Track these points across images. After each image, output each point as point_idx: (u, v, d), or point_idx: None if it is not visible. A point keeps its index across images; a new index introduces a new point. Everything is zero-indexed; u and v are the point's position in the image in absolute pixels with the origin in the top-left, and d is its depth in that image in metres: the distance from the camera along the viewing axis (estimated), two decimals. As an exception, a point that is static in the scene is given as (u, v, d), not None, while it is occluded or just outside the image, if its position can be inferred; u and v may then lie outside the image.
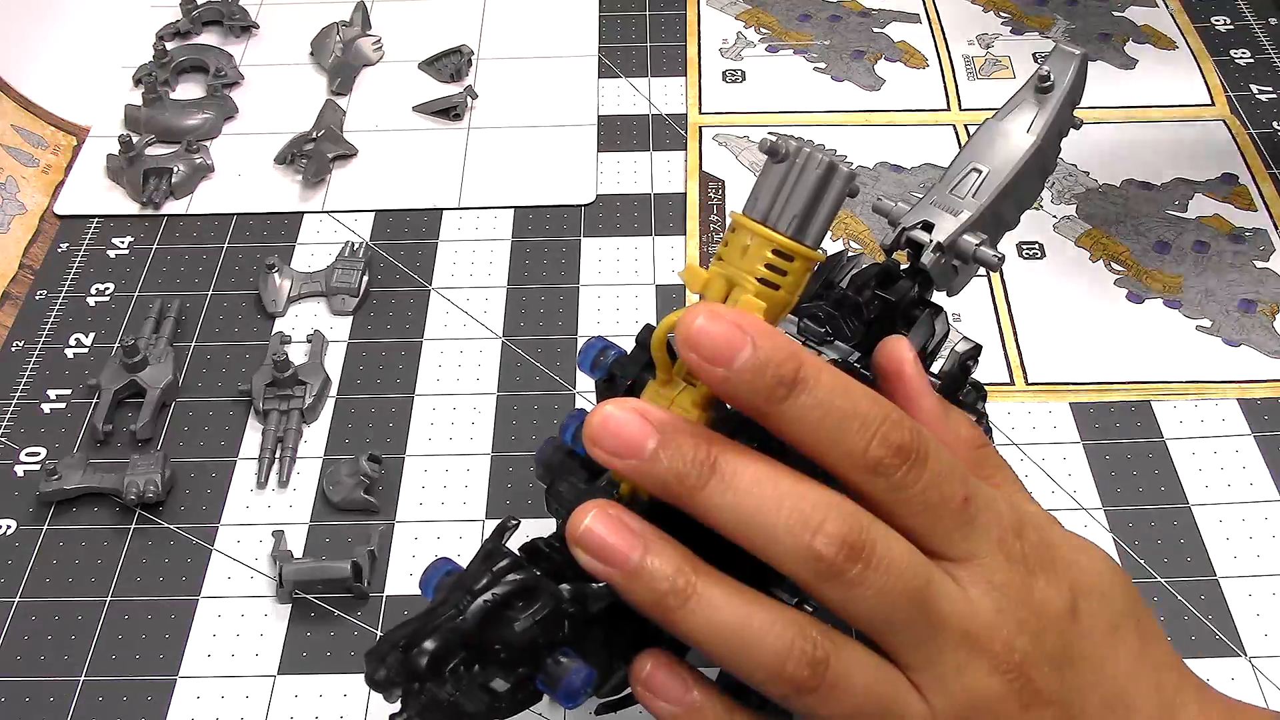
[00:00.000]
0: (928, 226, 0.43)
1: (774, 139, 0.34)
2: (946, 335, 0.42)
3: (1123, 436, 0.54)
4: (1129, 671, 0.35)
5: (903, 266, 0.43)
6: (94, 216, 0.65)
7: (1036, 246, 0.62)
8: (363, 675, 0.29)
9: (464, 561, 0.32)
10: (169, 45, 0.74)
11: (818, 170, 0.33)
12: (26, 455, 0.55)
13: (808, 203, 0.33)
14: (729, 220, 0.36)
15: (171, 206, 0.66)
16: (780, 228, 0.33)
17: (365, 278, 0.61)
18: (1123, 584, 0.36)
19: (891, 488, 0.32)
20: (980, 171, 0.45)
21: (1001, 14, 0.76)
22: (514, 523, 0.32)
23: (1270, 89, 0.70)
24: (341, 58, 0.73)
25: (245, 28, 0.76)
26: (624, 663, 0.34)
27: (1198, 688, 0.37)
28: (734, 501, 0.31)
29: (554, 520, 0.36)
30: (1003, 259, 0.43)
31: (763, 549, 0.31)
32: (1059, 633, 0.33)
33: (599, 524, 0.31)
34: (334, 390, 0.57)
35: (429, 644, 0.29)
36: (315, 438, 0.55)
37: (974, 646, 0.32)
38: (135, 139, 0.67)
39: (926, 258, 0.43)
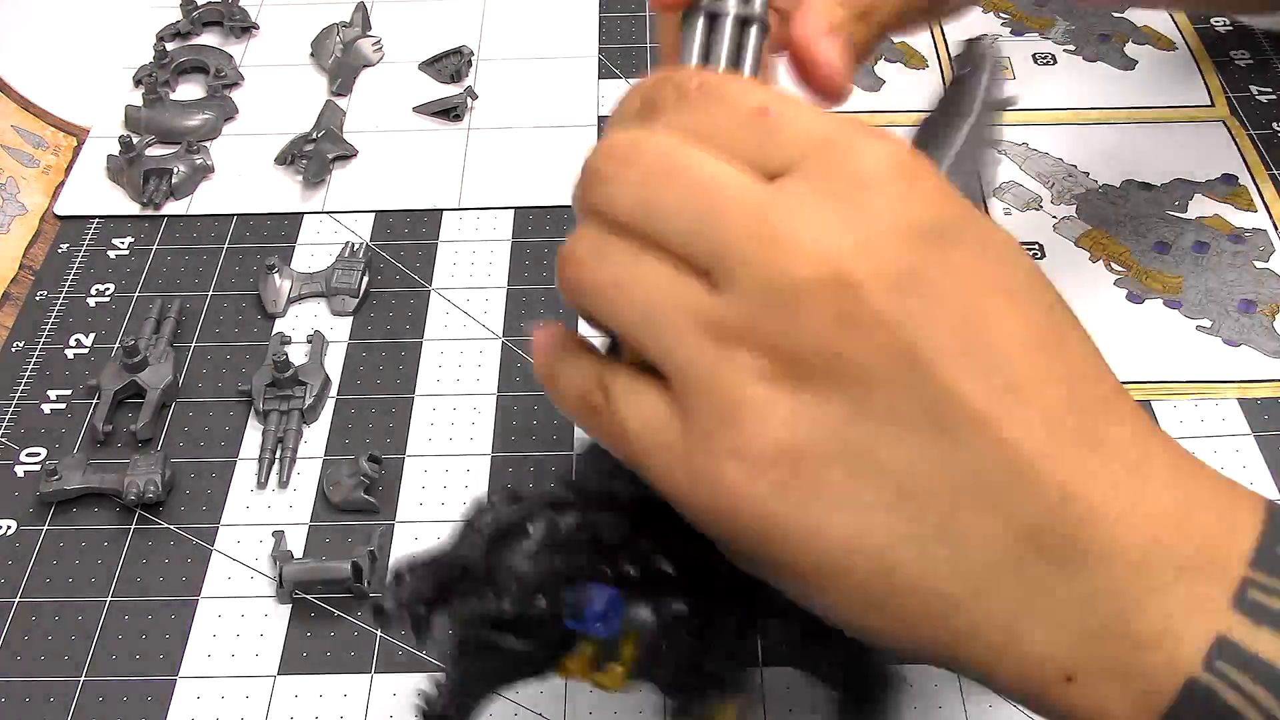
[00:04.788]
0: None
1: None
2: None
3: (1123, 436, 0.54)
4: (1022, 342, 0.28)
5: None
6: (94, 217, 0.65)
7: (1036, 247, 0.62)
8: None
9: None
10: (169, 46, 0.74)
11: None
12: (26, 455, 0.55)
13: None
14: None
15: (172, 207, 0.66)
16: None
17: (365, 278, 0.61)
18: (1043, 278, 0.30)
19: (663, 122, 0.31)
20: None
21: (1001, 15, 0.76)
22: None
23: (1270, 90, 0.70)
24: (341, 58, 0.73)
25: (245, 28, 0.76)
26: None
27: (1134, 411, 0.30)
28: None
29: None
30: None
31: None
32: (914, 252, 0.27)
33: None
34: (334, 390, 0.57)
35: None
36: (315, 438, 0.55)
37: (769, 240, 0.27)
38: (135, 139, 0.67)
39: None
